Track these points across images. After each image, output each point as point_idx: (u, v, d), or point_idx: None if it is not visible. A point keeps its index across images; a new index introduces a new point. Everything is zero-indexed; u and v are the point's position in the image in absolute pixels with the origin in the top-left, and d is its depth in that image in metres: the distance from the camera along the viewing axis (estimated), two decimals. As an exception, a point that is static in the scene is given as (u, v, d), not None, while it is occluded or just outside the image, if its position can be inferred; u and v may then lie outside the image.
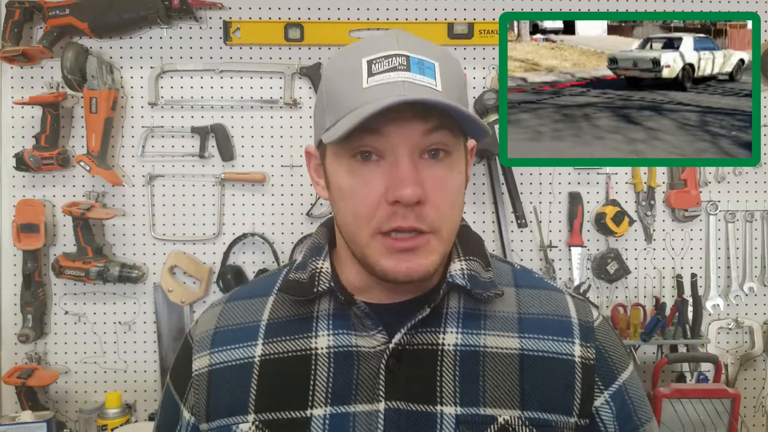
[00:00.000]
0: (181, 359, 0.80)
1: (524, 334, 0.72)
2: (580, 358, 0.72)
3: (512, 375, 0.69)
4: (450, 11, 1.64)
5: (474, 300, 0.73)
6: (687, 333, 1.63)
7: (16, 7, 1.54)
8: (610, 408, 0.72)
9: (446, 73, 0.66)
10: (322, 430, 0.67)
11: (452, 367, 0.69)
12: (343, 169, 0.67)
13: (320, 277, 0.73)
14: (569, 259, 1.66)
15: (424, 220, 0.65)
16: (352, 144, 0.65)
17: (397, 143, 0.64)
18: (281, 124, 1.64)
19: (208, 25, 1.62)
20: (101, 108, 1.53)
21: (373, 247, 0.66)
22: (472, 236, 0.79)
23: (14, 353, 1.60)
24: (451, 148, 0.67)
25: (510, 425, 0.67)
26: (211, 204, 1.63)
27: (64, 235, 1.61)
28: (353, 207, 0.67)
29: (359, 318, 0.71)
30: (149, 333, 1.63)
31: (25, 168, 1.55)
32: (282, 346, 0.73)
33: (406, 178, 0.63)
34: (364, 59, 0.65)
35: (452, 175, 0.67)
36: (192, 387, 0.76)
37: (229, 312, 0.79)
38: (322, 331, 0.72)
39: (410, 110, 0.63)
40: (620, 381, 0.74)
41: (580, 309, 0.76)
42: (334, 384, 0.69)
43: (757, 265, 1.71)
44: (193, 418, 0.77)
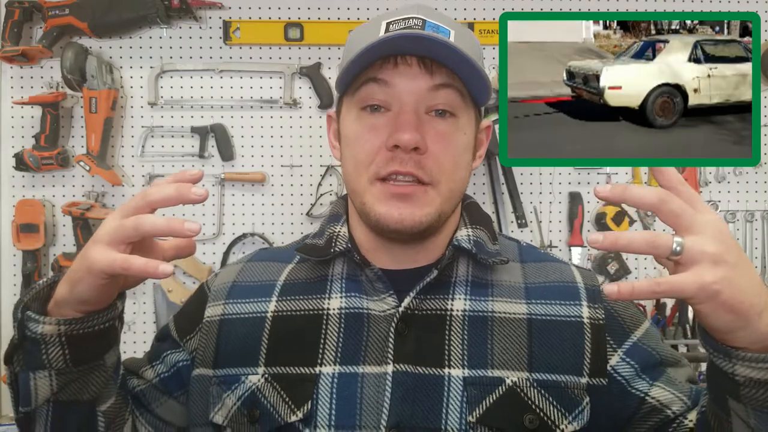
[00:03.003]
0: (192, 305, 0.82)
1: (531, 300, 0.73)
2: (589, 318, 0.72)
3: (520, 338, 0.70)
4: (450, 11, 1.64)
5: (481, 268, 0.74)
6: (687, 333, 1.63)
7: (16, 6, 1.54)
8: (629, 364, 0.71)
9: (462, 40, 0.68)
10: (330, 387, 0.68)
11: (460, 331, 0.70)
12: (352, 118, 0.70)
13: (337, 239, 0.75)
14: (569, 259, 1.66)
15: (423, 169, 0.67)
16: (361, 95, 0.68)
17: (402, 94, 0.67)
18: (281, 124, 1.64)
19: (208, 24, 1.62)
20: (101, 108, 1.53)
21: (371, 192, 0.68)
22: (481, 212, 0.81)
23: (14, 353, 1.60)
24: (457, 111, 0.69)
25: (518, 386, 0.67)
26: (210, 204, 1.63)
27: (63, 235, 1.61)
28: (355, 152, 0.70)
29: (371, 281, 0.72)
30: (149, 333, 1.63)
31: (24, 168, 1.55)
32: (295, 305, 0.74)
33: (405, 124, 0.65)
34: (384, 21, 0.68)
35: (456, 133, 0.69)
36: (200, 332, 0.77)
37: (249, 270, 0.81)
38: (335, 293, 0.73)
39: (418, 64, 0.66)
40: (634, 338, 0.73)
41: (586, 275, 0.77)
42: (344, 344, 0.70)
43: (757, 266, 1.71)
44: (189, 360, 0.77)
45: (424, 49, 0.66)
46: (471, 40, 0.72)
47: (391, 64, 0.67)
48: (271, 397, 0.69)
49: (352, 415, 0.67)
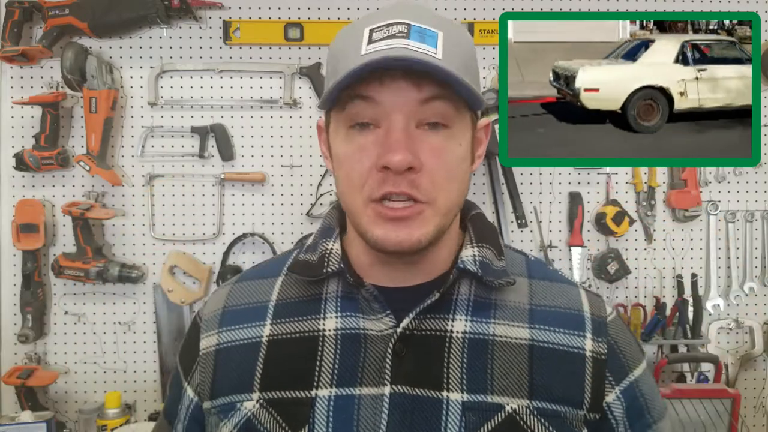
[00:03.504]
0: (189, 340, 0.81)
1: (535, 325, 0.71)
2: (591, 352, 0.71)
3: (521, 364, 0.68)
4: (450, 11, 1.64)
5: (485, 288, 0.72)
6: (687, 333, 1.63)
7: (16, 6, 1.54)
8: (621, 404, 0.71)
9: (449, 43, 0.64)
10: (326, 411, 0.67)
11: (460, 354, 0.68)
12: (341, 138, 0.68)
13: (330, 258, 0.73)
14: (569, 259, 1.66)
15: (418, 188, 0.64)
16: (349, 113, 0.65)
17: (391, 111, 0.64)
18: (281, 124, 1.64)
19: (208, 24, 1.62)
20: (101, 108, 1.53)
21: (367, 214, 0.66)
22: (486, 224, 0.78)
23: (14, 353, 1.60)
24: (450, 122, 0.66)
25: (518, 414, 0.66)
26: (210, 204, 1.63)
27: (63, 235, 1.61)
28: (347, 174, 0.67)
29: (367, 301, 0.70)
30: (149, 333, 1.63)
31: (24, 168, 1.55)
32: (290, 327, 0.73)
33: (395, 144, 0.62)
34: (367, 28, 0.65)
35: (450, 145, 0.66)
36: (198, 366, 0.76)
37: (238, 292, 0.79)
38: (330, 313, 0.72)
39: (404, 78, 0.63)
40: (632, 377, 0.72)
41: (594, 303, 0.75)
42: (340, 366, 0.69)
43: (757, 265, 1.71)
44: (196, 398, 0.77)
45: (410, 64, 0.63)
46: (462, 40, 0.68)
47: (376, 79, 0.63)
48: (267, 423, 0.68)
49: None
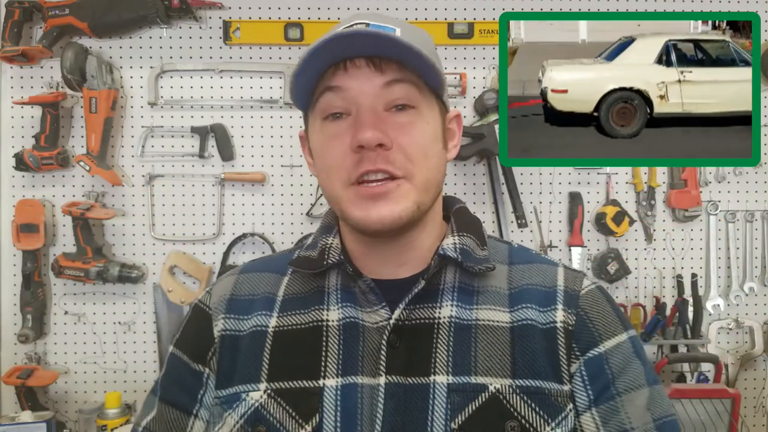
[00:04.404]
0: (196, 327, 0.79)
1: (514, 307, 0.73)
2: (562, 323, 0.72)
3: (504, 346, 0.70)
4: (450, 11, 1.64)
5: (468, 275, 0.75)
6: (687, 333, 1.63)
7: (16, 6, 1.54)
8: (582, 375, 0.71)
9: (407, 34, 0.68)
10: (334, 400, 0.69)
11: (446, 338, 0.70)
12: (317, 131, 0.72)
13: (330, 252, 0.76)
14: (569, 259, 1.66)
15: (392, 164, 0.67)
16: (321, 106, 0.70)
17: (358, 97, 0.68)
18: (281, 124, 1.64)
19: (208, 24, 1.62)
20: (101, 108, 1.53)
21: (347, 197, 0.69)
22: (469, 216, 0.81)
23: (14, 353, 1.60)
24: (416, 103, 0.70)
25: (501, 393, 0.68)
26: (210, 204, 1.63)
27: (63, 235, 1.61)
28: (325, 162, 0.71)
29: (364, 293, 0.72)
30: (149, 333, 1.63)
31: (24, 168, 1.55)
32: (295, 319, 0.75)
33: (365, 123, 0.66)
34: (331, 33, 0.69)
35: (418, 122, 0.70)
36: (216, 352, 0.76)
37: (243, 282, 0.81)
38: (333, 305, 0.74)
39: (368, 66, 0.67)
40: (601, 348, 0.72)
41: (569, 278, 0.77)
42: (344, 355, 0.71)
43: (757, 265, 1.71)
44: (213, 383, 0.76)
45: (371, 47, 0.67)
46: (418, 34, 0.72)
47: (342, 69, 0.68)
48: (276, 413, 0.69)
49: (353, 426, 0.67)
